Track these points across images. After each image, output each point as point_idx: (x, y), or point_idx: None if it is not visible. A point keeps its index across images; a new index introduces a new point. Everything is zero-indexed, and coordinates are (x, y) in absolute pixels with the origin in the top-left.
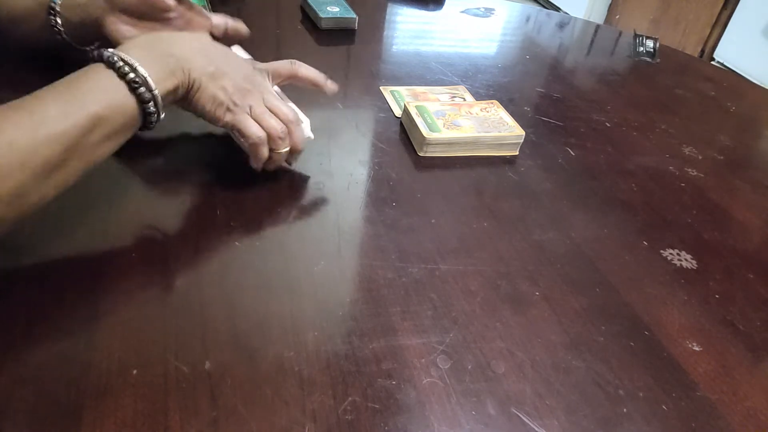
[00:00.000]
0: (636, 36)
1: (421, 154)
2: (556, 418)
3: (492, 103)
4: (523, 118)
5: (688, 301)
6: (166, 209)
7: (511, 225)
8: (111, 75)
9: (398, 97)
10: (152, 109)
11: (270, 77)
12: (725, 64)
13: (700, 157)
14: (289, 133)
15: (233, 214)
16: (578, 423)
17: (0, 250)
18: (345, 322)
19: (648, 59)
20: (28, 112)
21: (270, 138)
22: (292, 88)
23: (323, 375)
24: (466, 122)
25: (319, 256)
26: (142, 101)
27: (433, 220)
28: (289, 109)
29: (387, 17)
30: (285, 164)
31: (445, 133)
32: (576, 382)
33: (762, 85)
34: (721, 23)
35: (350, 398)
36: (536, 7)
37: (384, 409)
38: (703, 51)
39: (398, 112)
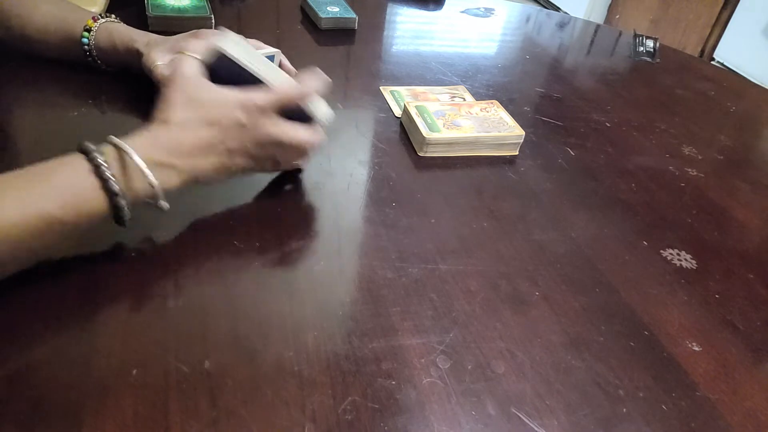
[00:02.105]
0: (636, 36)
1: (421, 154)
2: (556, 418)
3: (492, 103)
4: (523, 118)
5: (688, 301)
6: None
7: (511, 225)
8: (83, 171)
9: (398, 97)
10: (122, 203)
11: (272, 106)
12: (725, 64)
13: (700, 157)
14: (307, 145)
15: (233, 213)
16: (578, 423)
17: None
18: (345, 322)
19: (648, 59)
20: None
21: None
22: None
23: (323, 375)
24: (466, 122)
25: (319, 256)
26: (110, 194)
27: (433, 220)
28: (293, 129)
29: (387, 17)
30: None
31: (445, 133)
32: (576, 381)
33: (762, 85)
34: (721, 23)
35: (350, 398)
36: (536, 7)
37: (384, 409)
38: (703, 51)
39: (398, 112)
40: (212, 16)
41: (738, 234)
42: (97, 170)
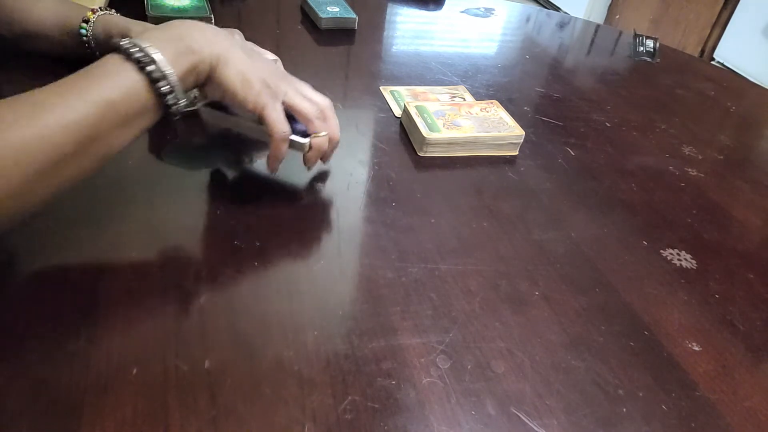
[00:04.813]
0: (636, 36)
1: (421, 154)
2: (556, 417)
3: (492, 103)
4: (523, 118)
5: (688, 301)
6: (166, 208)
7: (511, 225)
8: (119, 59)
9: (398, 97)
10: (166, 88)
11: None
12: (725, 64)
13: (700, 157)
14: (326, 119)
15: (233, 213)
16: (578, 423)
17: (0, 249)
18: (345, 322)
19: (648, 59)
20: (30, 105)
21: (306, 120)
22: None
23: (323, 374)
24: (466, 122)
25: (319, 255)
26: (153, 81)
27: (432, 220)
28: (324, 96)
29: (387, 17)
30: (320, 161)
31: (445, 133)
32: (576, 382)
33: (762, 85)
34: (721, 23)
35: (350, 398)
36: (536, 7)
37: (383, 408)
38: (703, 51)
39: (398, 112)
40: (212, 16)
41: (738, 234)
42: (128, 55)
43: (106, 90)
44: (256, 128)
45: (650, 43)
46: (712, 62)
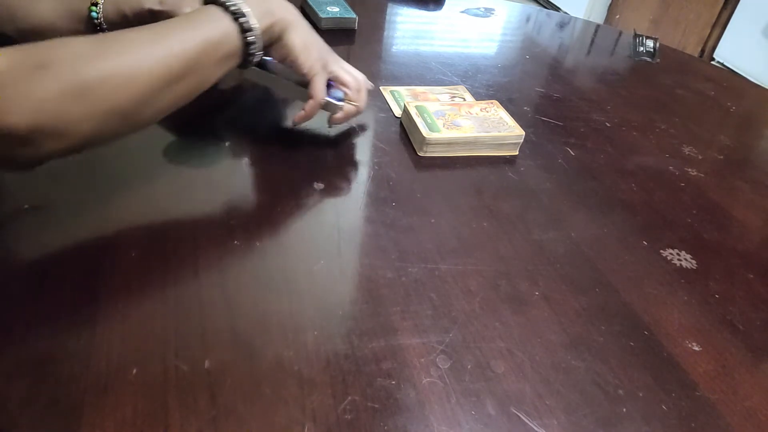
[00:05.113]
0: (636, 36)
1: (421, 154)
2: (556, 417)
3: (492, 103)
4: (523, 118)
5: (688, 301)
6: (166, 208)
7: (511, 225)
8: (217, 9)
9: (398, 97)
10: (252, 38)
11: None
12: (725, 64)
13: (700, 157)
14: (360, 91)
15: (233, 212)
16: (578, 423)
17: (0, 247)
18: (345, 322)
19: (648, 59)
20: (152, 33)
21: (348, 89)
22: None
23: (323, 374)
24: (466, 122)
25: (319, 255)
26: (243, 30)
27: (432, 220)
28: (360, 74)
29: (387, 17)
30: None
31: (444, 133)
32: (576, 381)
33: (762, 85)
34: (721, 23)
35: (350, 398)
36: (536, 7)
37: (383, 408)
38: (703, 51)
39: (398, 112)
40: None
41: (738, 234)
42: (226, 7)
43: (207, 31)
44: (294, 89)
45: (650, 43)
46: (712, 62)
